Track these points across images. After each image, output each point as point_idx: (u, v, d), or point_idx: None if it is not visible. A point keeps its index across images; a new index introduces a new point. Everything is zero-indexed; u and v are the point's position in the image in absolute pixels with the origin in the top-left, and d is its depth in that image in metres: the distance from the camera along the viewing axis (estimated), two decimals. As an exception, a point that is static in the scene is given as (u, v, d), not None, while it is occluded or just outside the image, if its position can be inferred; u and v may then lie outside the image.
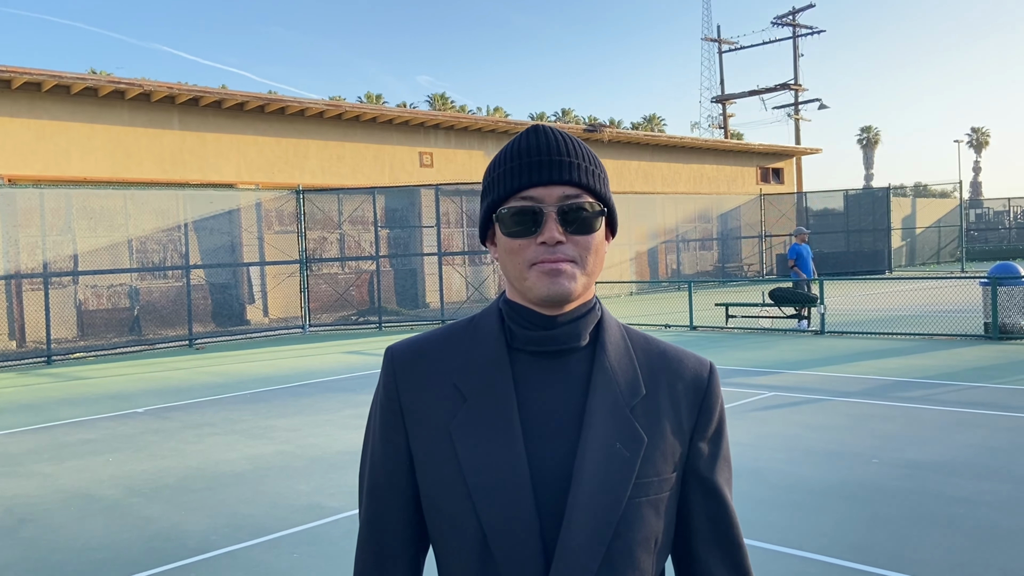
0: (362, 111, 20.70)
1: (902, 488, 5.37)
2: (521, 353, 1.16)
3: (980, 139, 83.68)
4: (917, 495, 5.22)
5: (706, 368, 1.22)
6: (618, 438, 1.11)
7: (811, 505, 5.13)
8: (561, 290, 1.11)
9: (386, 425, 1.20)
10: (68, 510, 5.63)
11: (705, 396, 1.20)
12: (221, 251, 17.61)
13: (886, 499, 5.17)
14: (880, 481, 5.54)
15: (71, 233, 15.63)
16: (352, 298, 19.30)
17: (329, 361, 12.91)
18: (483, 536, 1.09)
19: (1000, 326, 12.28)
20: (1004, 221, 44.91)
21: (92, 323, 16.19)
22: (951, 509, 4.94)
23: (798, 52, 48.41)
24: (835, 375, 9.90)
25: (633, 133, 28.08)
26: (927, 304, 16.41)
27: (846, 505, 5.10)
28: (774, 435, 6.97)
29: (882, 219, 30.89)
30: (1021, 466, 5.75)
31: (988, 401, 8.00)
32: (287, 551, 4.69)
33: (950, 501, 5.08)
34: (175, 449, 7.30)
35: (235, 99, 18.33)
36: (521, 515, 1.08)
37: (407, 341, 1.23)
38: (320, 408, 8.95)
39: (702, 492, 1.18)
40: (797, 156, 35.97)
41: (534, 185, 1.12)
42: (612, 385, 1.14)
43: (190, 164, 18.16)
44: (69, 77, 15.87)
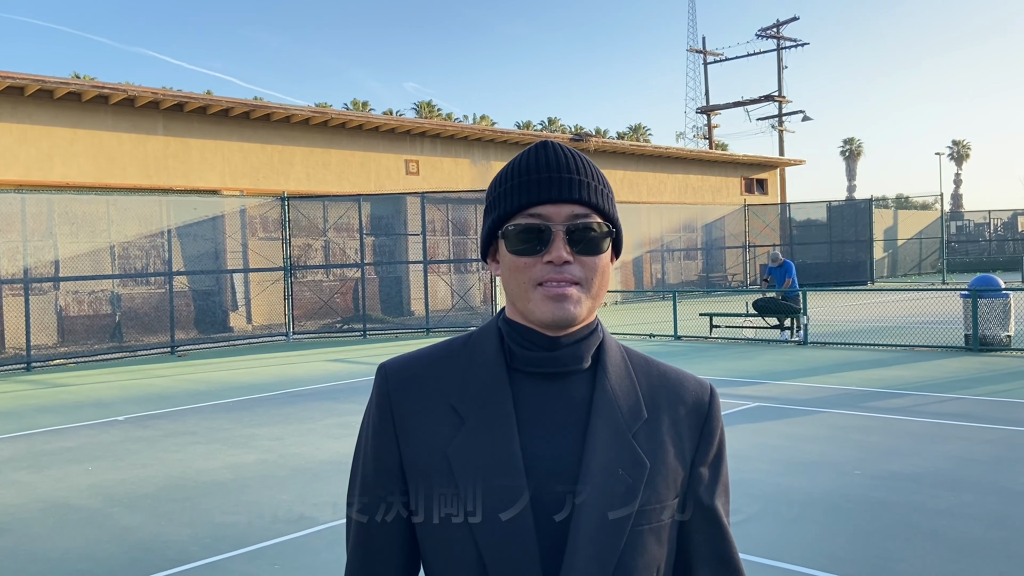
0: (348, 118, 20.67)
1: (884, 500, 5.40)
2: (520, 374, 1.13)
3: (961, 151, 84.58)
4: (899, 507, 5.25)
5: (707, 392, 1.20)
6: (621, 464, 1.09)
7: (794, 516, 5.14)
8: (566, 315, 1.08)
9: (379, 446, 1.15)
10: (46, 520, 5.56)
11: (706, 421, 1.18)
12: (205, 258, 17.50)
13: (868, 510, 5.19)
14: (862, 492, 5.56)
15: (52, 238, 15.49)
16: (337, 306, 19.23)
17: (313, 369, 12.84)
18: (483, 566, 1.06)
19: (980, 338, 12.39)
20: (984, 233, 45.40)
21: (73, 329, 16.02)
22: (933, 521, 4.97)
23: (782, 64, 48.84)
24: (818, 386, 9.94)
25: (619, 143, 28.19)
26: (908, 315, 16.53)
27: (829, 516, 5.11)
28: (757, 446, 6.99)
29: (864, 230, 31.13)
30: (1002, 478, 5.79)
31: (969, 413, 8.06)
32: (268, 563, 4.65)
33: (932, 513, 5.11)
34: (156, 458, 7.23)
35: (220, 105, 18.26)
36: (522, 543, 1.05)
37: (401, 358, 1.18)
38: (303, 417, 8.90)
39: (702, 517, 1.16)
40: (781, 167, 36.24)
41: (542, 202, 1.09)
42: (614, 409, 1.11)
43: (174, 170, 18.05)
44: (52, 81, 15.75)
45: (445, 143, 23.26)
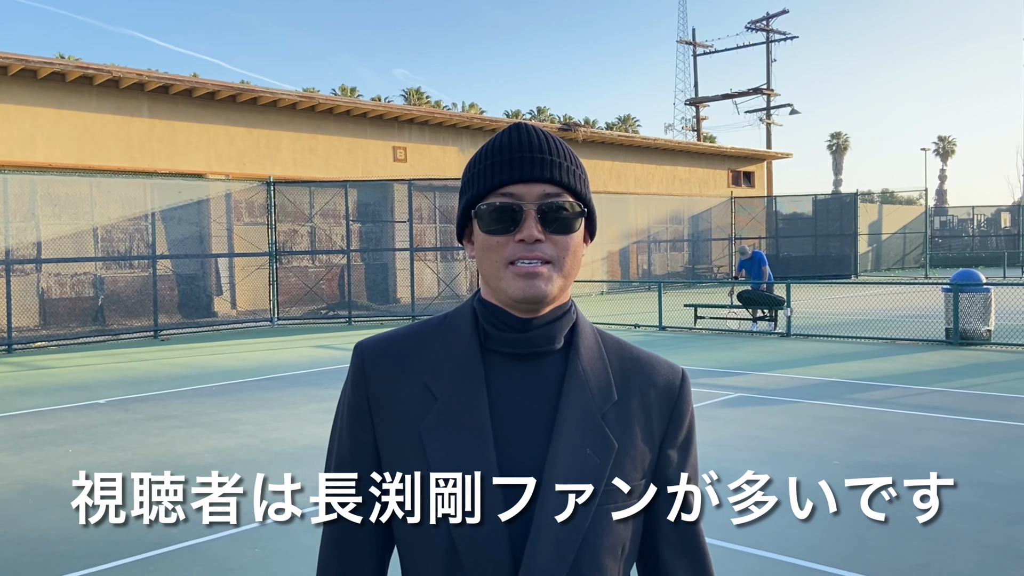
0: (336, 104, 20.55)
1: (862, 489, 5.45)
2: (494, 354, 1.14)
3: (947, 148, 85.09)
4: (876, 497, 5.30)
5: (678, 376, 1.21)
6: (589, 444, 1.10)
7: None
8: (537, 292, 1.09)
9: (353, 424, 1.17)
10: (25, 501, 5.53)
11: (676, 404, 1.19)
12: (189, 242, 17.39)
13: (846, 501, 5.24)
14: (841, 483, 5.61)
15: (35, 220, 15.34)
16: (322, 292, 19.17)
17: (297, 355, 12.81)
18: (451, 541, 1.08)
19: (961, 332, 12.50)
20: (968, 229, 45.77)
21: (55, 312, 15.90)
22: (909, 511, 5.02)
23: (771, 57, 48.90)
24: (800, 377, 10.02)
25: (607, 133, 28.19)
26: (891, 309, 16.66)
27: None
28: (738, 435, 7.04)
29: (849, 224, 31.31)
30: (979, 470, 5.86)
31: (948, 405, 8.15)
32: (248, 546, 4.65)
33: (908, 504, 5.17)
34: (136, 441, 7.20)
35: (206, 88, 18.11)
36: (492, 523, 1.07)
37: (377, 337, 1.20)
38: (287, 402, 8.88)
39: (669, 500, 1.17)
40: (768, 160, 36.35)
41: (514, 182, 1.10)
42: (584, 390, 1.12)
43: (159, 153, 17.90)
44: (36, 61, 15.56)
45: (433, 130, 23.18)
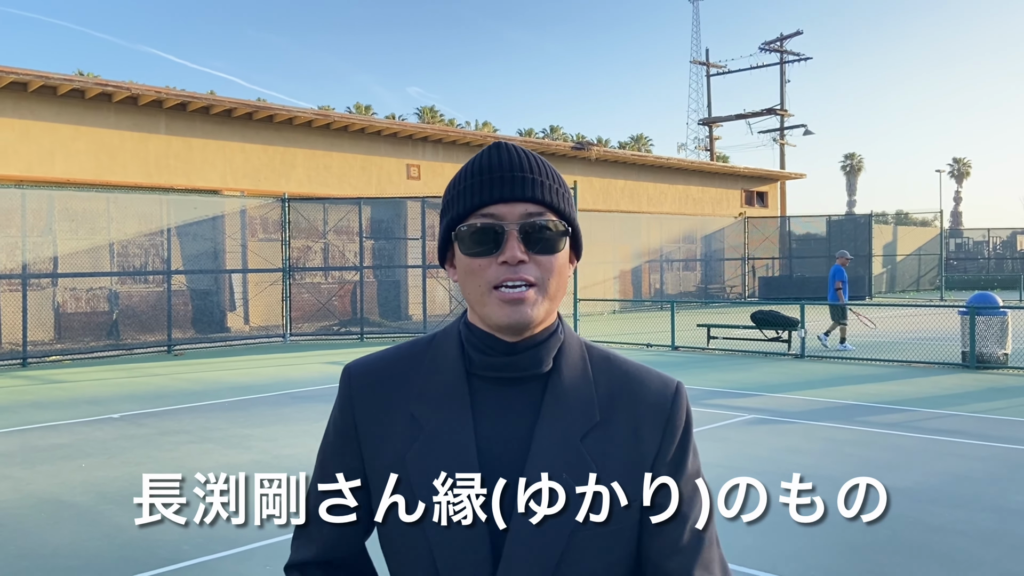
0: (350, 121, 20.69)
1: (877, 514, 5.38)
2: (480, 379, 1.12)
3: (962, 169, 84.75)
4: (892, 522, 5.24)
5: (671, 388, 1.16)
6: (565, 469, 1.07)
7: (786, 529, 5.14)
8: (523, 318, 1.07)
9: (341, 448, 1.18)
10: (38, 516, 5.54)
11: (669, 419, 1.14)
12: (203, 257, 17.49)
13: (861, 525, 5.17)
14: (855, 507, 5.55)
15: (52, 235, 15.48)
16: (334, 308, 19.21)
17: (309, 371, 12.82)
18: (435, 571, 1.07)
19: (977, 355, 12.39)
20: (983, 251, 45.46)
21: (70, 326, 16.00)
22: (925, 537, 4.96)
23: (785, 78, 48.98)
24: (813, 399, 9.94)
25: (620, 152, 28.24)
26: (906, 331, 16.53)
27: (821, 530, 5.09)
28: (751, 457, 6.98)
29: (863, 245, 31.16)
30: (996, 495, 5.79)
31: (965, 429, 8.06)
32: (260, 563, 4.64)
33: (925, 529, 5.11)
34: (149, 456, 7.22)
35: (223, 105, 18.28)
36: (474, 549, 1.06)
37: (365, 361, 1.19)
38: (298, 418, 8.89)
39: (667, 517, 1.13)
40: (781, 180, 36.30)
41: (495, 202, 1.07)
42: (563, 413, 1.10)
43: (175, 169, 18.06)
44: (56, 78, 15.77)
45: (447, 148, 23.29)
